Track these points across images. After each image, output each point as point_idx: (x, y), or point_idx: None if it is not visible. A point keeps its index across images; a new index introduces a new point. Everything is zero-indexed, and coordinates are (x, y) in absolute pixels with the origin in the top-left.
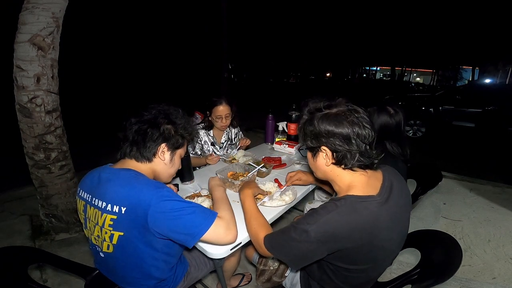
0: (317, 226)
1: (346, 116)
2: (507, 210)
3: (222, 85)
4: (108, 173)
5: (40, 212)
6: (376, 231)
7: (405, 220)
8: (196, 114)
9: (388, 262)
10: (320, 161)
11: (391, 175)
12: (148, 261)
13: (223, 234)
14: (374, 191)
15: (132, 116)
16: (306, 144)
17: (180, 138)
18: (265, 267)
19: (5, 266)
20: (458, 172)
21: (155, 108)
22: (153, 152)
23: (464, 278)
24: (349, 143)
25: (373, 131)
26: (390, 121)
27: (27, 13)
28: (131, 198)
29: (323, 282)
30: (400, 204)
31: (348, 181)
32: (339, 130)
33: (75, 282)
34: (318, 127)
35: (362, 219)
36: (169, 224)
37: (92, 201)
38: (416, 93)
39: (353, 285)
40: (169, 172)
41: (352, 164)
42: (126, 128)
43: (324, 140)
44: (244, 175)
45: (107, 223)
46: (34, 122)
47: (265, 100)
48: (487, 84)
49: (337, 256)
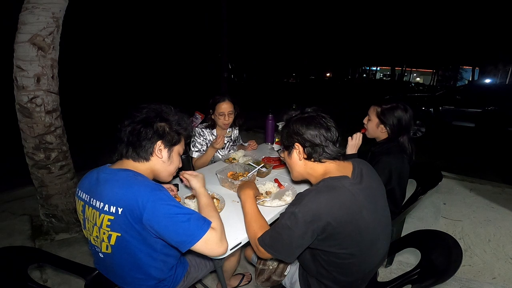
0: (301, 206)
1: (314, 119)
2: (507, 210)
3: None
4: (107, 174)
5: (40, 212)
6: (355, 207)
7: (382, 205)
8: (196, 114)
9: (377, 250)
10: (294, 157)
11: (360, 164)
12: (147, 262)
13: (215, 246)
14: (347, 174)
15: (124, 118)
16: (283, 143)
17: (175, 135)
18: (264, 266)
19: (5, 266)
20: (458, 172)
21: (146, 108)
22: (149, 151)
23: (464, 278)
24: (316, 140)
25: (337, 132)
26: (405, 116)
27: (27, 13)
28: (127, 199)
29: (320, 277)
30: (374, 187)
31: (321, 170)
32: (308, 129)
33: (75, 282)
34: (292, 127)
35: (340, 195)
36: (162, 228)
37: (91, 202)
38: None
39: (347, 274)
40: (168, 170)
41: (320, 158)
42: (120, 129)
43: (296, 138)
44: (244, 175)
45: (105, 224)
46: (34, 122)
47: (265, 100)
48: (487, 84)
49: (324, 238)
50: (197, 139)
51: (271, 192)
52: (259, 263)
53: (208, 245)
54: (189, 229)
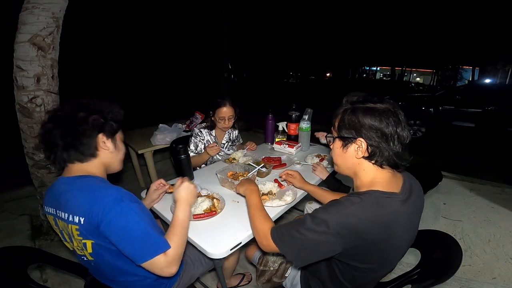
0: (339, 217)
1: (392, 115)
2: (507, 210)
3: (222, 85)
4: (65, 184)
5: (40, 212)
6: (395, 229)
7: (418, 221)
8: (196, 114)
9: (395, 264)
10: (351, 153)
11: (409, 177)
12: (131, 264)
13: (158, 271)
14: (397, 189)
15: (45, 122)
16: (340, 133)
17: (112, 123)
18: (265, 268)
19: (5, 266)
20: (458, 172)
21: (68, 106)
22: (93, 146)
23: (464, 278)
24: (388, 141)
25: (411, 134)
26: None
27: (27, 13)
28: (87, 208)
29: (328, 281)
30: (418, 205)
31: (372, 176)
32: (382, 126)
33: (75, 282)
34: (361, 118)
35: (386, 215)
36: (118, 240)
37: (58, 214)
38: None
39: (357, 284)
40: (118, 158)
41: (383, 161)
42: (45, 135)
43: (364, 133)
44: (244, 175)
45: (75, 233)
46: (34, 122)
47: (265, 100)
48: (487, 84)
49: (351, 253)
50: (193, 139)
51: (274, 193)
52: (260, 264)
53: (152, 268)
54: (140, 248)
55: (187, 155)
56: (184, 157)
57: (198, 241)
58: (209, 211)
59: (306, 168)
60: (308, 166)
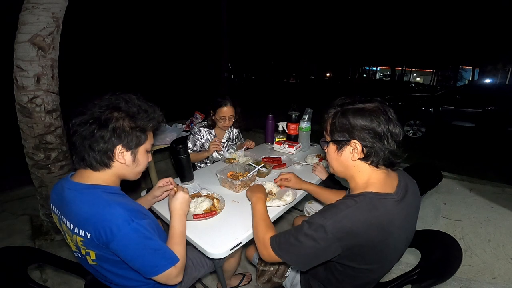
0: (335, 221)
1: (382, 113)
2: (507, 210)
3: (222, 85)
4: (71, 190)
5: (40, 212)
6: (392, 229)
7: (415, 221)
8: (196, 114)
9: (393, 264)
10: (346, 155)
11: (405, 176)
12: (134, 271)
13: (171, 281)
14: (391, 190)
15: (73, 115)
16: (333, 137)
17: (138, 133)
18: (265, 268)
19: (5, 266)
20: (458, 172)
21: (101, 101)
22: (108, 156)
23: (464, 278)
24: (381, 140)
25: (403, 130)
26: None
27: (27, 13)
28: (95, 225)
29: (327, 282)
30: (414, 204)
31: (367, 177)
32: (374, 125)
33: (75, 282)
34: (352, 120)
35: (381, 216)
36: (129, 257)
37: (62, 219)
38: (416, 93)
39: (356, 285)
40: (135, 172)
41: (379, 161)
42: (72, 131)
43: (357, 134)
44: (244, 175)
45: (79, 243)
46: (34, 122)
47: (265, 100)
48: (487, 84)
49: (349, 255)
50: (192, 136)
51: (274, 193)
52: (260, 264)
53: (165, 279)
54: (155, 261)
55: (187, 155)
56: (184, 157)
57: (198, 241)
58: (209, 211)
59: (306, 168)
60: (308, 166)
